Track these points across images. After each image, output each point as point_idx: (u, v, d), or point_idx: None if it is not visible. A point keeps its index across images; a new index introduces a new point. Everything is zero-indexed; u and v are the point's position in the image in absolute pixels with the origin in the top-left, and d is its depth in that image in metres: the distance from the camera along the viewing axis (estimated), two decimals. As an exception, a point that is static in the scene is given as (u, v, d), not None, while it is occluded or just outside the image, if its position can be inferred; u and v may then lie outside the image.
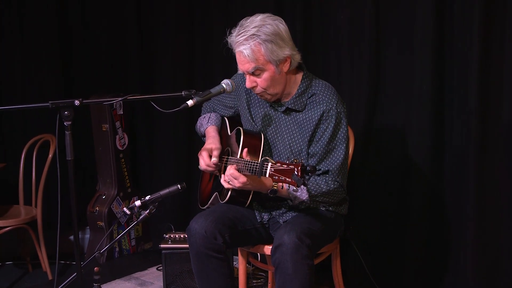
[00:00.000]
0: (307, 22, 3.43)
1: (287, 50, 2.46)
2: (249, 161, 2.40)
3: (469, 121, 2.85)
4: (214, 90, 2.44)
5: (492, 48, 2.80)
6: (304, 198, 2.40)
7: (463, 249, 2.94)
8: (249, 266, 3.42)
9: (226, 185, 2.39)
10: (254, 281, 3.46)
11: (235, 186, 2.35)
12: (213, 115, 2.86)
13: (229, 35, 2.47)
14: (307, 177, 2.11)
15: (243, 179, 2.31)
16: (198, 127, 2.89)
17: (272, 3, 3.57)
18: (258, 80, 2.46)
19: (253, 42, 2.39)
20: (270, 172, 2.15)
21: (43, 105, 2.11)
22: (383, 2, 3.15)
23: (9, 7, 4.12)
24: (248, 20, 2.45)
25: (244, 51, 2.40)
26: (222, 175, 2.41)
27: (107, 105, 3.94)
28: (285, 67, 2.48)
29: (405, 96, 3.13)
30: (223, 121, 2.86)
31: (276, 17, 2.48)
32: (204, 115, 2.90)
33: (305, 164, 2.12)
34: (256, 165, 2.35)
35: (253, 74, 2.45)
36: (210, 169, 2.63)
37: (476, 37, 2.78)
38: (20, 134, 4.20)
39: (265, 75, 2.45)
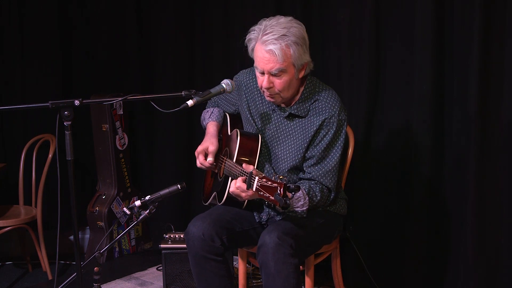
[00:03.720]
0: (307, 22, 3.39)
1: (308, 56, 2.45)
2: (243, 170, 2.38)
3: (469, 121, 2.85)
4: (214, 90, 2.44)
5: (492, 48, 2.79)
6: (305, 208, 2.41)
7: (463, 249, 2.93)
8: (249, 266, 3.42)
9: (232, 190, 2.35)
10: (254, 281, 3.46)
11: (241, 198, 2.32)
12: (216, 110, 2.85)
13: (248, 33, 2.43)
14: (290, 196, 2.10)
15: (250, 192, 2.24)
16: (201, 120, 2.89)
17: (272, 3, 3.57)
18: (277, 81, 2.43)
19: (284, 42, 2.35)
20: (257, 187, 2.13)
21: (43, 105, 2.11)
22: (383, 2, 3.15)
23: (9, 7, 4.12)
24: (272, 20, 2.41)
25: (276, 50, 2.35)
26: (232, 182, 2.35)
27: (107, 105, 3.94)
28: (301, 73, 2.47)
29: (405, 96, 3.13)
30: (225, 119, 2.85)
31: (299, 22, 2.45)
32: (208, 109, 2.89)
33: (288, 184, 2.10)
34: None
35: (274, 75, 2.41)
36: (205, 167, 2.65)
37: (476, 37, 2.77)
38: (20, 134, 4.20)
39: (285, 77, 2.42)
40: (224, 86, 2.47)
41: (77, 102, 2.13)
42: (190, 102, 2.33)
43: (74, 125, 2.15)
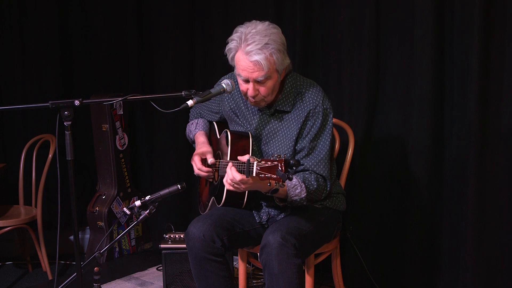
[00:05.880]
0: (307, 23, 3.43)
1: (288, 59, 2.49)
2: (237, 162, 2.38)
3: (469, 122, 2.85)
4: (214, 90, 2.44)
5: (492, 49, 2.79)
6: (303, 195, 2.41)
7: (463, 249, 2.94)
8: (249, 266, 3.43)
9: (228, 187, 2.34)
10: (254, 281, 3.46)
11: (240, 189, 2.32)
12: (200, 121, 2.88)
13: (227, 43, 2.45)
14: (291, 171, 2.11)
15: (250, 181, 2.26)
16: (187, 133, 2.92)
17: (272, 4, 3.57)
18: (262, 88, 2.45)
19: (268, 51, 2.38)
20: (257, 171, 2.14)
21: (43, 105, 2.12)
22: (383, 3, 3.15)
23: (9, 8, 4.12)
24: (250, 28, 2.42)
25: (261, 61, 2.37)
26: (227, 176, 2.34)
27: (107, 105, 3.94)
28: (283, 75, 2.52)
29: (405, 97, 3.13)
30: (211, 126, 2.87)
31: (275, 25, 2.48)
32: (192, 122, 2.92)
33: (287, 159, 2.11)
34: (243, 166, 2.31)
35: (259, 82, 2.43)
36: (202, 173, 2.65)
37: (476, 38, 2.77)
38: (20, 134, 4.20)
39: (269, 83, 2.45)
40: (224, 86, 2.47)
41: (77, 102, 2.13)
42: (190, 102, 2.33)
43: (74, 125, 2.16)
